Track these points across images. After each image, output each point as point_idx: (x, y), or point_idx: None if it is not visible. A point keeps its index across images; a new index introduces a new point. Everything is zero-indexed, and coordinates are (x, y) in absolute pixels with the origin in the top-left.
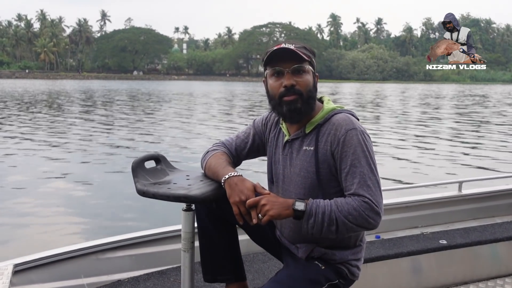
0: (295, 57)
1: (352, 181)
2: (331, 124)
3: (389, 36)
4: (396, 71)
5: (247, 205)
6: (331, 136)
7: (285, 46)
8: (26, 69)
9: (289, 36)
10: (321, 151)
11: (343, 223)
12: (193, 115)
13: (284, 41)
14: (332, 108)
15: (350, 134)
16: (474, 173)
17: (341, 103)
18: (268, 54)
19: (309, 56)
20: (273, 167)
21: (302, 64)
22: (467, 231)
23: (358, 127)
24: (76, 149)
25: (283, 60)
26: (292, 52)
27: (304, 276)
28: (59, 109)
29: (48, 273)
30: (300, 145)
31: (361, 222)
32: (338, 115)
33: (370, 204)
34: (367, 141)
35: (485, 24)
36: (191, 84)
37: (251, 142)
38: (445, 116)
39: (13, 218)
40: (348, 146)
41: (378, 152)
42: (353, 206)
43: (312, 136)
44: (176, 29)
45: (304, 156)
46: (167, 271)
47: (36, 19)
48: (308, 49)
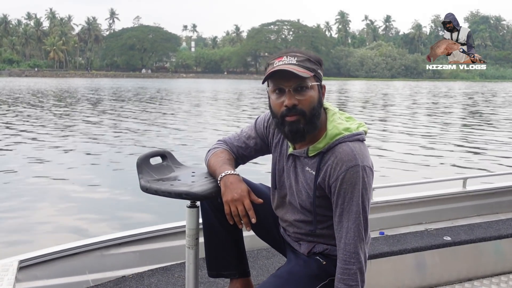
0: (297, 75)
1: (345, 225)
2: (334, 156)
3: (398, 34)
4: (405, 68)
5: (240, 212)
6: (332, 169)
7: (287, 61)
8: (36, 67)
9: (297, 34)
10: (320, 180)
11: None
12: (203, 112)
13: (286, 52)
14: (336, 134)
15: (350, 172)
16: (479, 169)
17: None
18: (268, 72)
19: (314, 69)
20: (277, 174)
21: (304, 82)
22: (471, 227)
23: (361, 162)
24: (82, 145)
25: (284, 78)
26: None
27: (305, 271)
28: (66, 106)
29: (53, 269)
30: (304, 164)
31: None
32: (342, 146)
33: (361, 274)
34: (367, 177)
35: (494, 21)
36: (199, 82)
37: (253, 144)
38: (452, 113)
39: (18, 214)
40: (347, 184)
41: (384, 149)
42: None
43: (315, 161)
44: (184, 27)
45: (306, 177)
46: (172, 267)
47: (46, 18)
48: (313, 60)
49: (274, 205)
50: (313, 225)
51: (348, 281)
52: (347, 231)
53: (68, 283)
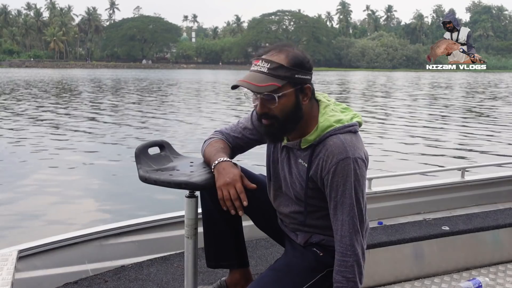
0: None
1: (340, 218)
2: (325, 149)
3: (399, 24)
4: (406, 59)
5: (232, 196)
6: (323, 162)
7: (259, 68)
8: (36, 58)
9: (298, 24)
10: (312, 172)
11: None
12: (203, 103)
13: (265, 54)
14: (327, 126)
15: (341, 164)
16: (477, 159)
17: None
18: (233, 84)
19: (288, 76)
20: (272, 166)
21: (274, 92)
22: (469, 217)
23: (352, 154)
24: (81, 135)
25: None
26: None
27: (303, 263)
28: (66, 97)
29: (52, 258)
30: (297, 156)
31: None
32: (333, 139)
33: (358, 266)
34: (359, 169)
35: (496, 11)
36: (200, 73)
37: (249, 134)
38: (452, 103)
39: (18, 204)
40: (338, 176)
41: (383, 139)
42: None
43: (307, 153)
44: (185, 17)
45: (299, 169)
46: (171, 257)
47: (46, 8)
48: (290, 65)
49: (271, 197)
50: (303, 215)
51: (345, 273)
52: (342, 224)
53: (67, 272)
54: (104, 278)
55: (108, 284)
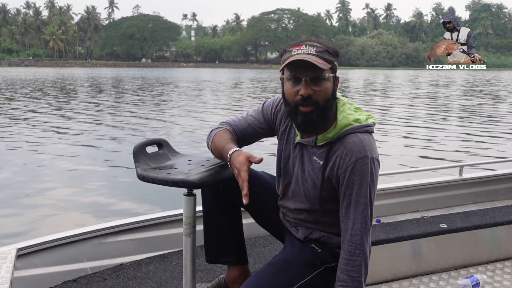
0: (316, 66)
1: (352, 216)
2: (343, 147)
3: (399, 22)
4: (406, 57)
5: (241, 186)
6: (341, 160)
7: (306, 51)
8: (35, 57)
9: (298, 22)
10: (328, 170)
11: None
12: (202, 101)
13: (305, 41)
14: (346, 124)
15: (359, 163)
16: (475, 157)
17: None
18: (288, 60)
19: (331, 61)
20: (283, 162)
21: (322, 73)
22: (467, 215)
23: (370, 154)
24: (80, 133)
25: (302, 68)
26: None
27: (301, 259)
28: (66, 95)
29: (51, 257)
30: (311, 154)
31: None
32: (352, 137)
33: (365, 266)
34: (375, 169)
35: (496, 9)
36: (199, 71)
37: (257, 127)
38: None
39: (16, 202)
40: (355, 175)
41: (383, 134)
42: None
43: (323, 151)
44: (184, 16)
45: (313, 167)
46: (169, 255)
47: (45, 7)
48: (331, 51)
49: (279, 192)
50: (317, 214)
51: (351, 273)
52: (354, 222)
53: (66, 270)
54: (103, 276)
55: (107, 282)
